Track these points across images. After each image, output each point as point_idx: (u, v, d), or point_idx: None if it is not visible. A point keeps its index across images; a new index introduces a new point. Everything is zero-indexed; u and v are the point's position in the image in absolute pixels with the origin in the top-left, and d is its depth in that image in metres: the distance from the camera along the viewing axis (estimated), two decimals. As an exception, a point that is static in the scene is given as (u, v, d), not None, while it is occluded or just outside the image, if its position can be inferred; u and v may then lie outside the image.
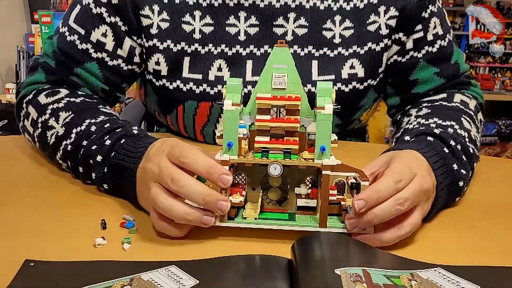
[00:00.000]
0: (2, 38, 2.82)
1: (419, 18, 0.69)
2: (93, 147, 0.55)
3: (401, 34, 0.70)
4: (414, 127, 0.61)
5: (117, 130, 0.56)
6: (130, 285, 0.37)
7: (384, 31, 0.68)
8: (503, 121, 2.87)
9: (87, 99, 0.64)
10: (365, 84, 0.70)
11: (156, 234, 0.46)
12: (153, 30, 0.67)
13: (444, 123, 0.60)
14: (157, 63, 0.68)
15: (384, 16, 0.68)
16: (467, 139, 0.58)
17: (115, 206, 0.52)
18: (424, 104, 0.70)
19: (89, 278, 0.38)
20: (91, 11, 0.67)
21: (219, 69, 0.67)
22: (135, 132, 0.56)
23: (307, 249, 0.40)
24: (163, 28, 0.67)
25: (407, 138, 0.57)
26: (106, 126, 0.57)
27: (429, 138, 0.55)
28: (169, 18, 0.67)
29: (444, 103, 0.68)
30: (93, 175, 0.54)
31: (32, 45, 2.80)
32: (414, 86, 0.73)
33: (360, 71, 0.68)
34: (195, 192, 0.42)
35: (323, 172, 0.43)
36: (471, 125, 0.63)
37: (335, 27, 0.67)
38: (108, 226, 0.47)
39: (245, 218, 0.45)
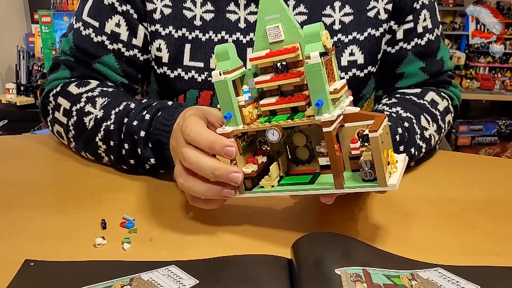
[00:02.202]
0: (2, 38, 2.82)
1: (411, 9, 0.69)
2: (134, 123, 0.57)
3: (393, 23, 0.70)
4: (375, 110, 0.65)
5: (154, 104, 0.57)
6: (130, 285, 0.37)
7: (383, 15, 0.68)
8: (503, 121, 2.87)
9: (116, 89, 0.66)
10: (365, 71, 0.69)
11: (156, 233, 0.46)
12: (156, 15, 0.67)
13: (404, 114, 0.62)
14: (159, 49, 0.68)
15: (383, 0, 0.68)
16: (418, 136, 0.61)
17: (115, 206, 0.52)
18: (396, 95, 0.71)
19: (89, 278, 0.38)
20: (102, 2, 0.67)
21: None
22: (170, 103, 0.57)
23: (307, 249, 0.40)
24: (165, 14, 0.67)
25: None
26: (143, 102, 0.59)
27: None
28: (171, 4, 0.67)
29: (413, 98, 0.68)
30: (139, 150, 0.56)
31: (32, 45, 2.80)
32: (399, 80, 0.73)
33: (360, 58, 0.68)
34: (205, 168, 0.42)
35: (324, 129, 0.38)
36: (429, 124, 0.64)
37: (334, 13, 0.67)
38: (108, 226, 0.47)
39: (262, 187, 0.43)
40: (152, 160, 0.56)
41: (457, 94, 0.75)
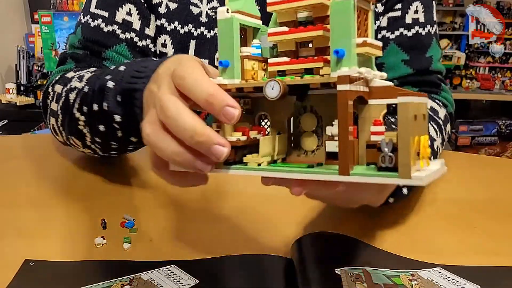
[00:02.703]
0: (2, 38, 2.82)
1: None
2: (107, 76, 0.49)
3: (379, 5, 0.68)
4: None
5: (136, 60, 0.49)
6: (130, 284, 0.37)
7: (380, 8, 0.67)
8: (503, 121, 2.87)
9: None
10: None
11: (156, 233, 0.46)
12: (162, 9, 0.67)
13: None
14: (164, 45, 0.68)
15: None
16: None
17: (115, 206, 0.52)
18: None
19: (89, 277, 0.38)
20: None
21: None
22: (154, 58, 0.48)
23: (307, 248, 0.40)
24: (171, 8, 0.67)
25: None
26: (125, 61, 0.53)
27: None
28: None
29: None
30: (105, 105, 0.48)
31: (32, 45, 2.80)
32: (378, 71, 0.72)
33: None
34: (183, 127, 0.31)
35: (338, 87, 0.28)
36: (437, 134, 0.61)
37: None
38: (108, 226, 0.47)
39: (246, 164, 0.33)
40: (117, 118, 0.47)
41: (450, 101, 0.73)
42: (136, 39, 0.66)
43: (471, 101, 3.05)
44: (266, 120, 0.36)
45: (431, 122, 0.60)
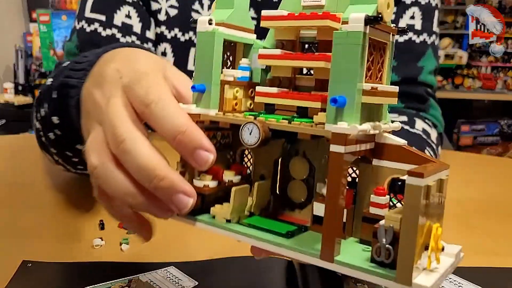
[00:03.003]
0: (0, 37, 2.81)
1: (397, 0, 0.65)
2: (53, 74, 0.42)
3: None
4: None
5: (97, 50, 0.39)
6: (129, 286, 0.37)
7: None
8: (505, 121, 2.87)
9: None
10: None
11: (154, 234, 0.46)
12: (161, 16, 0.65)
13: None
14: (164, 53, 0.66)
15: None
16: None
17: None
18: None
19: (87, 279, 0.37)
20: None
21: None
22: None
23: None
24: (171, 15, 0.65)
25: None
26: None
27: None
28: (178, 5, 0.65)
29: (406, 127, 0.61)
30: (45, 106, 0.41)
31: (30, 44, 2.80)
32: None
33: None
34: (141, 166, 0.26)
35: (331, 147, 0.22)
36: None
37: None
38: (106, 227, 0.47)
39: (213, 217, 0.28)
40: (55, 119, 0.40)
41: (440, 120, 0.69)
42: (137, 42, 0.64)
43: (473, 101, 3.05)
44: (250, 156, 0.30)
45: (427, 148, 0.58)
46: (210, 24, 0.27)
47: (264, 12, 0.27)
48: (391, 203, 0.25)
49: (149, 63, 0.30)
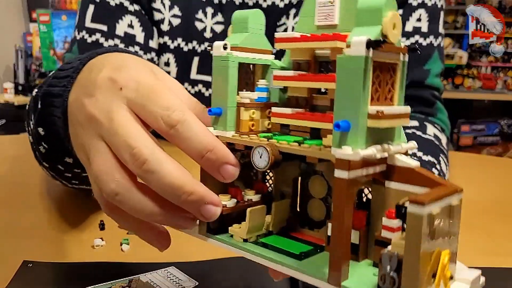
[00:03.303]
0: (0, 37, 2.81)
1: (403, 2, 0.64)
2: (40, 85, 0.40)
3: None
4: None
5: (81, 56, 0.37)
6: (129, 286, 0.37)
7: None
8: (505, 121, 2.87)
9: None
10: None
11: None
12: (165, 27, 0.64)
13: (424, 158, 0.53)
14: (167, 63, 0.65)
15: None
16: None
17: (114, 207, 0.52)
18: None
19: (88, 279, 0.37)
20: (108, 4, 0.62)
21: None
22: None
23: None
24: (174, 25, 0.64)
25: None
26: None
27: None
28: (180, 14, 0.64)
29: (418, 133, 0.61)
30: (32, 120, 0.39)
31: (30, 44, 2.80)
32: None
33: None
34: (168, 184, 0.25)
35: (335, 173, 0.22)
36: (446, 167, 0.58)
37: None
38: (107, 227, 0.47)
39: (231, 236, 0.29)
40: (41, 130, 0.38)
41: (447, 124, 0.69)
42: (140, 53, 0.63)
43: (473, 101, 3.05)
44: (271, 174, 0.31)
45: (440, 155, 0.57)
46: (225, 48, 0.28)
47: (278, 35, 0.28)
48: (405, 225, 0.24)
49: (141, 69, 0.29)
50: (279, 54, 0.30)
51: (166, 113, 0.26)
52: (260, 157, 0.26)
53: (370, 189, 0.26)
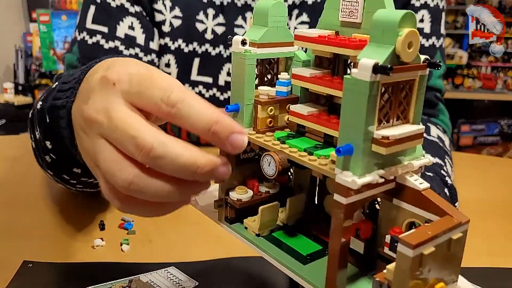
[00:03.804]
0: (0, 37, 2.81)
1: (406, 3, 0.65)
2: (43, 97, 0.41)
3: None
4: None
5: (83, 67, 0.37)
6: (129, 286, 0.37)
7: None
8: (505, 121, 2.87)
9: None
10: None
11: (156, 235, 0.46)
12: (166, 28, 0.64)
13: (432, 160, 0.54)
14: (167, 64, 0.65)
15: None
16: (447, 189, 0.51)
17: (114, 207, 0.52)
18: None
19: (88, 279, 0.37)
20: (109, 5, 0.62)
21: (229, 74, 0.65)
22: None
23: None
24: (175, 26, 0.64)
25: None
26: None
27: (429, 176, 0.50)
28: (181, 15, 0.64)
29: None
30: (38, 132, 0.41)
31: (30, 44, 2.80)
32: None
33: None
34: (181, 166, 0.25)
35: (334, 196, 0.22)
36: (451, 168, 0.57)
37: None
38: (107, 227, 0.47)
39: (246, 228, 0.30)
40: (48, 144, 0.39)
41: (448, 126, 0.69)
42: (141, 54, 0.63)
43: (473, 101, 3.05)
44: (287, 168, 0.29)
45: (446, 157, 0.57)
46: (243, 44, 0.28)
47: (297, 32, 0.27)
48: None
49: (132, 63, 0.29)
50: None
51: (165, 95, 0.26)
52: (269, 165, 0.26)
53: (379, 201, 0.26)
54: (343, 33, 0.26)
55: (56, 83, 0.40)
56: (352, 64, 0.27)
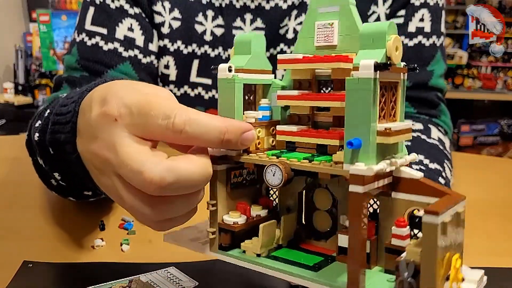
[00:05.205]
0: (0, 37, 2.81)
1: (405, 3, 0.64)
2: (37, 123, 0.40)
3: (384, 7, 0.65)
4: None
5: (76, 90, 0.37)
6: (129, 286, 0.37)
7: (383, 20, 0.66)
8: (505, 121, 2.87)
9: None
10: None
11: (156, 235, 0.46)
12: (165, 29, 0.64)
13: (431, 166, 0.53)
14: (167, 66, 0.66)
15: (383, 5, 0.65)
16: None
17: (114, 207, 0.52)
18: None
19: (88, 279, 0.37)
20: (108, 7, 0.62)
21: None
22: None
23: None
24: (174, 28, 0.64)
25: None
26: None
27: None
28: (181, 17, 0.64)
29: (423, 137, 0.60)
30: (41, 161, 0.40)
31: (30, 44, 2.80)
32: None
33: None
34: (196, 181, 0.27)
35: (350, 187, 0.24)
36: (451, 173, 0.57)
37: None
38: (107, 227, 0.47)
39: (244, 252, 0.30)
40: (57, 176, 0.40)
41: (449, 126, 0.69)
42: (140, 56, 0.63)
43: (473, 101, 3.05)
44: (275, 189, 0.32)
45: (445, 160, 0.56)
46: (230, 71, 0.29)
47: (280, 56, 0.29)
48: (412, 233, 0.26)
49: (124, 91, 0.28)
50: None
51: (169, 121, 0.26)
52: (273, 175, 0.27)
53: (376, 200, 0.27)
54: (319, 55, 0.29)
55: (48, 111, 0.40)
56: (333, 82, 0.29)
